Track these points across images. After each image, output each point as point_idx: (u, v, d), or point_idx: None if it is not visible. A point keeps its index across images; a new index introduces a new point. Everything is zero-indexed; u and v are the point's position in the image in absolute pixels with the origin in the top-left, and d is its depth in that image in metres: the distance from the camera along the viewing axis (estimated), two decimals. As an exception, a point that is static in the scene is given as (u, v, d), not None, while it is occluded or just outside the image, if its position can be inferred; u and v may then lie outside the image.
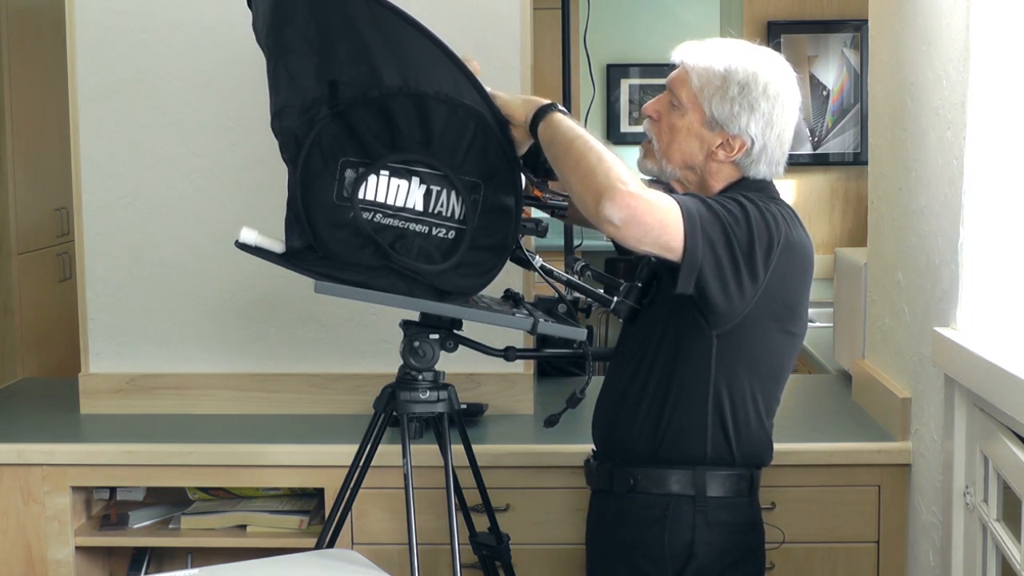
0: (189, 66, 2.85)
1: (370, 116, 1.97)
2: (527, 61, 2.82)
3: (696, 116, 2.04)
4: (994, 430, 2.01)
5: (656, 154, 2.09)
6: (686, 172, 2.08)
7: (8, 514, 2.66)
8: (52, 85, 4.19)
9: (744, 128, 2.02)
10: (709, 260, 1.90)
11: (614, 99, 7.19)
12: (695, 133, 2.05)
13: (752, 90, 2.01)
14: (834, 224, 5.01)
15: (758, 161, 2.05)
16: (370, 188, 1.99)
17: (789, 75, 2.07)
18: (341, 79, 1.96)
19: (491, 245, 2.06)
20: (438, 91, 1.97)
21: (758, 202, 1.97)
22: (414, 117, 1.97)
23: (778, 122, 2.03)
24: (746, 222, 1.93)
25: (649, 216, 1.85)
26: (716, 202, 1.95)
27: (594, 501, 2.23)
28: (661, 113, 2.09)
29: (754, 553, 2.15)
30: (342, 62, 1.96)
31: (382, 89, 1.96)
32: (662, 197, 1.89)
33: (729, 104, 2.01)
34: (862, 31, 4.76)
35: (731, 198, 1.97)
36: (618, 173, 1.86)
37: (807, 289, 2.08)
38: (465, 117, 2.00)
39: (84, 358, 2.93)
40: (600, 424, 2.20)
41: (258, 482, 2.69)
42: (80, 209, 2.90)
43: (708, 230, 1.89)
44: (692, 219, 1.88)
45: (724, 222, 1.91)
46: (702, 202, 1.94)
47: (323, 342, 2.90)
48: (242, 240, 2.05)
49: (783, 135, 2.05)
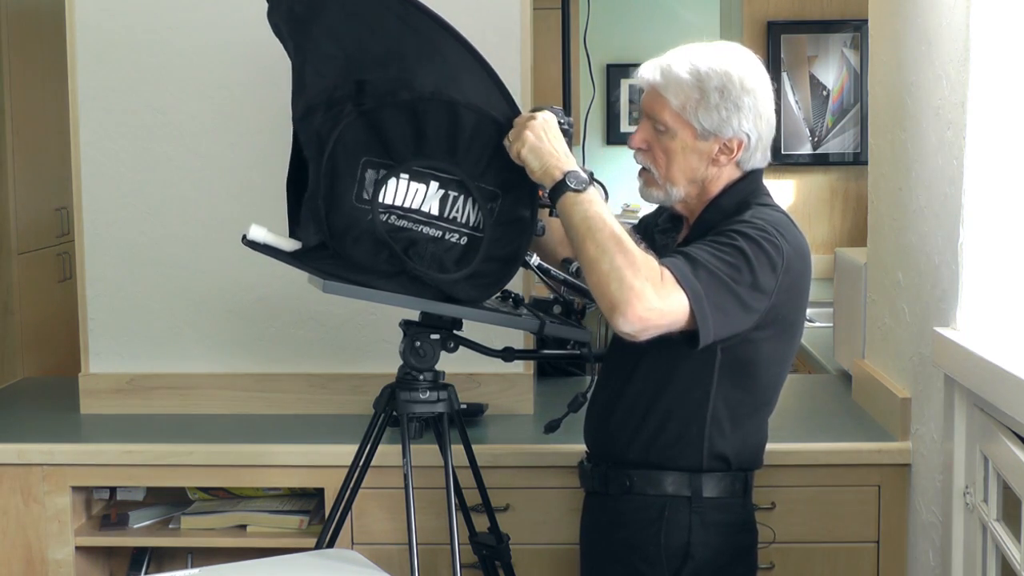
0: (189, 66, 2.85)
1: (399, 119, 1.95)
2: (527, 61, 2.82)
3: (687, 133, 2.04)
4: (994, 430, 2.01)
5: (659, 180, 2.09)
6: (690, 188, 2.08)
7: (8, 514, 2.66)
8: (52, 85, 4.18)
9: (738, 128, 2.02)
10: (721, 322, 1.92)
11: (614, 99, 7.19)
12: (692, 149, 2.05)
13: (731, 90, 2.01)
14: (834, 224, 5.00)
15: (756, 151, 2.06)
16: (389, 190, 1.98)
17: (753, 60, 2.07)
18: (369, 79, 1.94)
19: (503, 256, 2.06)
20: (469, 100, 1.96)
21: (753, 231, 1.96)
22: (443, 124, 1.96)
23: (764, 110, 2.04)
24: (748, 266, 1.93)
25: (661, 321, 1.89)
26: (716, 254, 1.93)
27: (588, 503, 2.23)
28: (649, 141, 2.08)
29: (748, 553, 2.16)
30: (372, 62, 1.94)
31: (413, 92, 1.94)
32: (670, 298, 1.88)
33: (715, 112, 2.01)
34: (862, 31, 4.75)
35: (729, 241, 1.95)
36: (630, 281, 1.86)
37: (807, 294, 2.09)
38: (493, 129, 1.99)
39: (84, 358, 2.93)
40: (593, 429, 2.20)
41: (258, 482, 2.69)
42: (80, 209, 2.90)
43: (716, 300, 1.91)
44: (699, 300, 1.89)
45: (728, 281, 1.92)
46: (704, 267, 1.91)
47: (323, 342, 2.90)
48: (251, 237, 2.04)
49: (770, 119, 2.07)
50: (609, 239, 1.90)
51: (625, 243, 1.90)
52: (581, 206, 1.94)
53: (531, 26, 2.85)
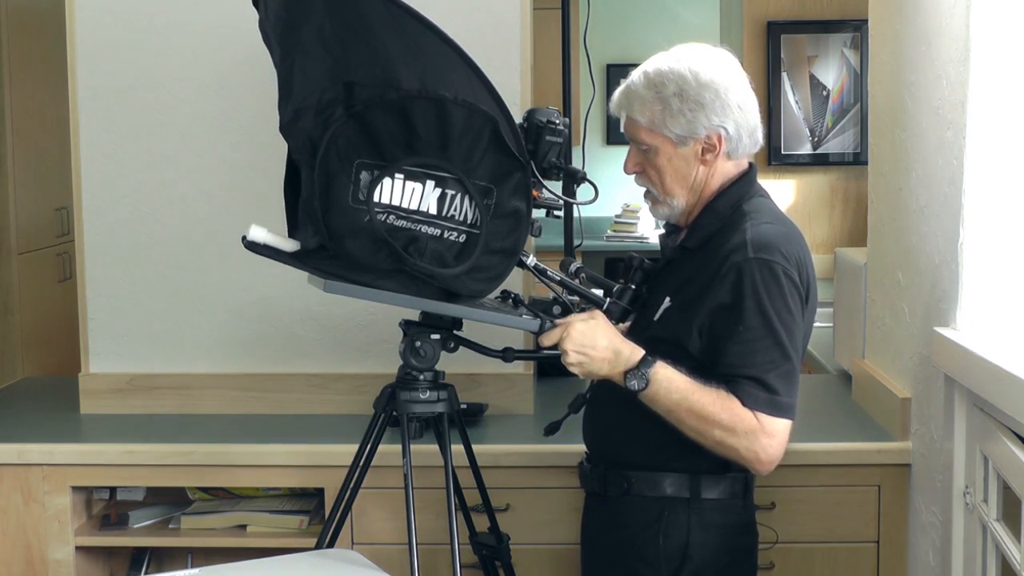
0: (189, 66, 2.85)
1: (388, 118, 1.95)
2: (527, 61, 2.82)
3: (666, 145, 2.06)
4: (994, 430, 2.01)
5: (660, 198, 2.12)
6: (690, 195, 2.10)
7: (8, 514, 2.66)
8: (52, 85, 4.18)
9: (709, 124, 2.03)
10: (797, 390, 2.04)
11: (614, 99, 7.19)
12: (676, 157, 2.07)
13: (688, 91, 2.02)
14: (834, 224, 5.00)
15: (740, 139, 2.06)
16: (385, 190, 1.98)
17: (708, 53, 2.08)
18: (357, 80, 1.94)
19: (502, 249, 2.06)
20: (456, 95, 1.96)
21: (766, 279, 1.97)
22: (433, 121, 1.96)
23: (731, 98, 2.04)
24: (787, 332, 1.99)
25: (783, 447, 2.00)
26: (764, 348, 1.97)
27: (588, 504, 2.23)
28: (640, 164, 2.12)
29: (747, 554, 2.16)
30: (358, 63, 1.95)
31: (400, 92, 1.94)
32: (777, 435, 1.98)
33: (680, 116, 2.03)
34: (862, 31, 4.75)
35: (762, 321, 1.97)
36: (743, 450, 1.97)
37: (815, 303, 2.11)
38: (481, 122, 1.99)
39: (84, 358, 2.93)
40: (592, 430, 2.20)
41: (258, 482, 2.69)
42: (80, 209, 2.90)
43: (793, 388, 2.01)
44: (790, 408, 2.00)
45: (790, 367, 2.00)
46: (770, 374, 1.97)
47: (323, 342, 2.90)
48: (251, 238, 2.04)
49: (743, 104, 2.06)
50: (696, 420, 1.98)
51: (710, 415, 1.96)
52: (655, 403, 2.00)
53: (531, 26, 2.85)
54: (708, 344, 2.00)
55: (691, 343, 2.01)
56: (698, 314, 2.00)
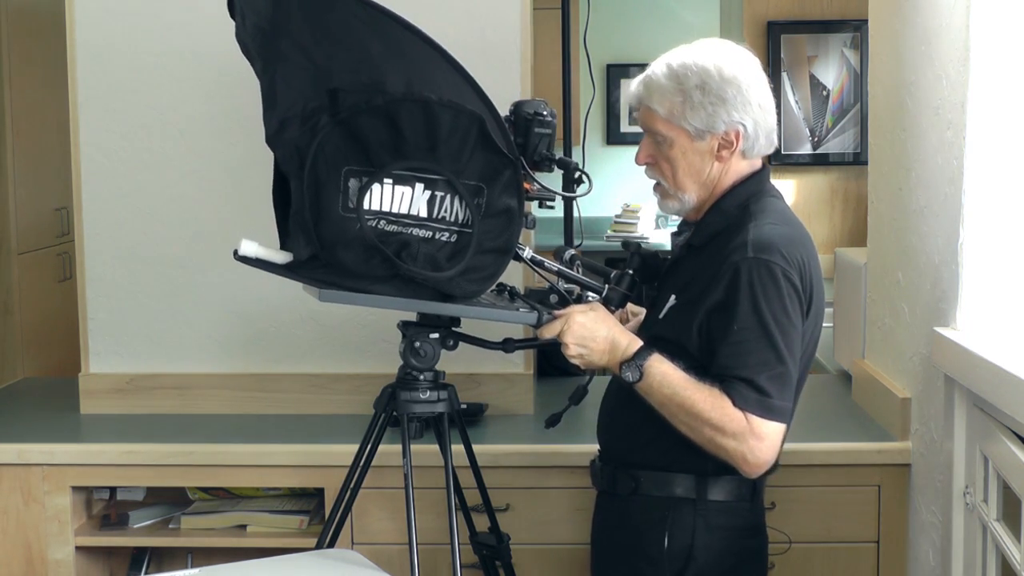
0: (189, 66, 2.85)
1: (375, 123, 1.94)
2: (527, 61, 2.82)
3: (682, 138, 2.04)
4: (994, 430, 2.01)
5: (671, 191, 2.10)
6: (701, 191, 2.08)
7: (8, 514, 2.66)
8: (52, 85, 4.18)
9: (729, 120, 2.01)
10: (792, 394, 2.01)
11: (614, 99, 7.18)
12: (691, 151, 2.04)
13: (711, 84, 2.00)
14: (834, 224, 5.00)
15: (757, 138, 2.05)
16: (375, 196, 1.97)
17: (731, 49, 2.06)
18: (341, 87, 1.93)
19: (495, 248, 2.05)
20: (442, 96, 1.95)
21: (765, 281, 1.95)
22: (420, 124, 1.95)
23: (753, 96, 2.02)
24: (782, 335, 1.96)
25: (774, 450, 1.98)
26: (755, 348, 1.95)
27: (599, 502, 2.22)
28: (653, 155, 2.09)
29: (755, 556, 2.14)
30: (341, 69, 1.93)
31: (386, 96, 1.93)
32: (768, 437, 1.95)
33: (701, 109, 2.01)
34: (862, 31, 4.75)
35: (757, 320, 1.95)
36: (732, 450, 1.95)
37: (823, 304, 2.09)
38: (468, 122, 1.98)
39: (84, 358, 2.93)
40: (603, 428, 2.20)
41: (258, 482, 2.69)
42: (80, 209, 2.90)
43: (787, 392, 1.97)
44: (784, 412, 1.97)
45: (784, 369, 1.96)
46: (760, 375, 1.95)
47: (323, 342, 2.90)
48: (242, 253, 2.03)
49: (763, 103, 2.04)
50: (687, 416, 1.97)
51: (700, 412, 1.95)
52: (649, 396, 2.00)
53: (531, 26, 2.85)
54: (706, 344, 2.00)
55: (691, 342, 2.00)
56: (698, 313, 2.00)
